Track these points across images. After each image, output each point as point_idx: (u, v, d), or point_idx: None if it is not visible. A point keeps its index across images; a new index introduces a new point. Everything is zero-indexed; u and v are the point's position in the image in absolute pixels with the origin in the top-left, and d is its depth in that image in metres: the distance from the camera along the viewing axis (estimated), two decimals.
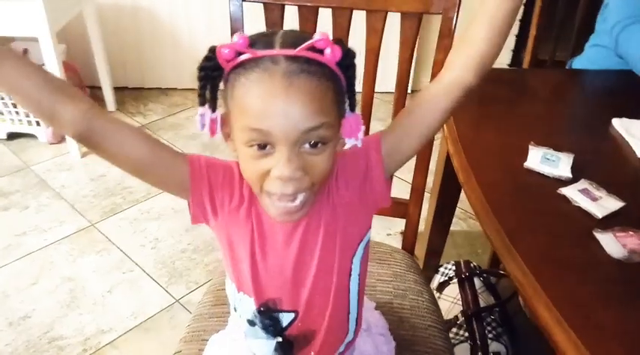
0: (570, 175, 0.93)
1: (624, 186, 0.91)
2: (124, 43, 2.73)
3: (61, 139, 2.40)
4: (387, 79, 1.79)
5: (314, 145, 0.59)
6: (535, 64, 1.73)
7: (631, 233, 0.80)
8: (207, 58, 0.62)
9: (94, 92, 2.70)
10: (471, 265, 1.55)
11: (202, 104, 0.63)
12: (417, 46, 1.10)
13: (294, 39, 0.59)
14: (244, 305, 0.75)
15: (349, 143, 0.66)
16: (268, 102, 0.57)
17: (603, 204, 0.86)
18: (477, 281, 1.50)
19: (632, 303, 0.72)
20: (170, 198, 2.12)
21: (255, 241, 0.70)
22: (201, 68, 0.62)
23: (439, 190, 1.36)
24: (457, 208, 1.53)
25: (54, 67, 2.08)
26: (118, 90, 2.75)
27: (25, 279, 1.73)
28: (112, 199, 2.09)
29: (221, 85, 0.63)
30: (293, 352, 0.77)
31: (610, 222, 0.83)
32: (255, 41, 0.60)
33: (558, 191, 0.89)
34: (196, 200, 0.70)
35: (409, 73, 1.12)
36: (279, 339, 0.75)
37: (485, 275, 1.54)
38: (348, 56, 0.61)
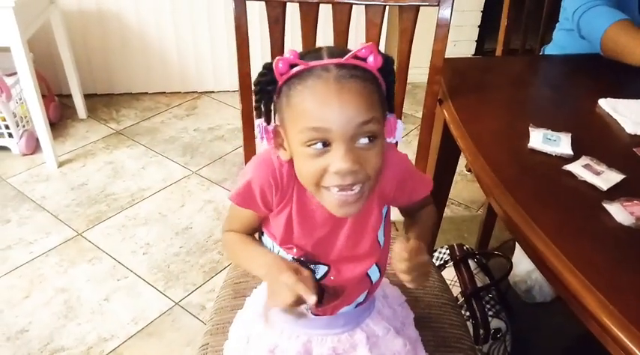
0: (572, 153, 0.99)
1: (621, 160, 0.97)
2: (91, 49, 2.68)
3: (35, 149, 2.34)
4: None
5: (366, 141, 0.65)
6: (507, 53, 1.81)
7: (636, 202, 0.87)
8: (262, 74, 0.69)
9: (64, 100, 2.65)
10: (465, 248, 1.61)
11: (259, 117, 0.71)
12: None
13: (340, 51, 0.67)
14: (281, 256, 0.80)
15: (389, 141, 0.74)
16: (324, 102, 0.63)
17: (606, 177, 0.92)
18: (471, 263, 1.56)
19: None
20: (155, 202, 2.13)
21: (293, 214, 0.76)
22: (257, 83, 0.70)
23: (433, 177, 1.41)
24: None
25: (27, 75, 2.03)
26: (88, 97, 2.71)
27: (16, 293, 1.69)
28: (96, 207, 2.06)
29: None
30: (324, 297, 0.81)
31: (615, 193, 0.89)
32: (304, 55, 0.67)
33: (563, 168, 0.95)
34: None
35: (408, 64, 1.16)
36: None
37: (478, 256, 1.60)
38: (388, 63, 0.69)
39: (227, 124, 2.60)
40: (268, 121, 0.71)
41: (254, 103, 0.71)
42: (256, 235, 0.87)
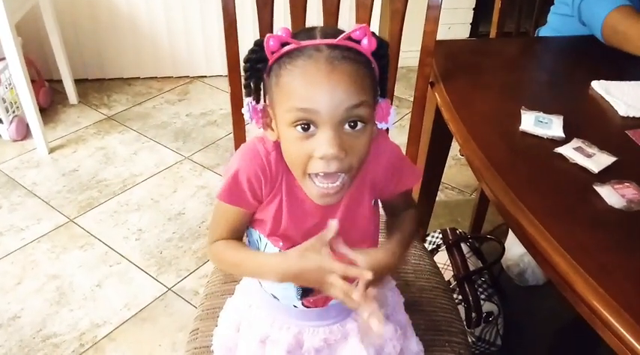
0: (563, 135, 0.98)
1: (613, 143, 0.97)
2: (81, 34, 2.65)
3: (25, 135, 2.32)
4: None
5: (354, 126, 0.64)
6: (501, 36, 1.79)
7: (627, 184, 0.86)
8: (252, 51, 0.67)
9: (54, 86, 2.62)
10: (457, 232, 1.61)
11: (249, 95, 0.70)
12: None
13: (334, 31, 0.65)
14: (269, 249, 0.79)
15: (380, 127, 0.74)
16: (314, 83, 0.62)
17: (597, 159, 0.92)
18: (463, 247, 1.56)
19: (636, 247, 0.78)
20: (147, 188, 2.12)
21: (283, 203, 0.75)
22: (247, 60, 0.68)
23: (425, 162, 1.40)
24: None
25: (15, 61, 2.01)
26: (79, 82, 2.68)
27: (8, 280, 1.69)
28: (87, 193, 2.05)
29: None
30: (314, 290, 0.80)
31: (606, 175, 0.89)
32: (296, 34, 0.66)
33: (555, 150, 0.95)
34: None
35: (399, 46, 1.15)
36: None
37: (470, 240, 1.60)
38: (382, 46, 0.67)
39: (219, 109, 2.58)
40: (257, 100, 0.70)
41: (243, 81, 0.69)
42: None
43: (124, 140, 2.37)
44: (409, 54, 1.25)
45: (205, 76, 2.85)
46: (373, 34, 0.66)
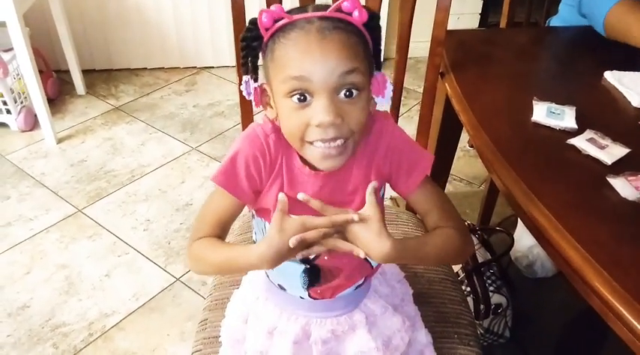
0: (576, 126, 0.97)
1: (626, 134, 0.95)
2: (89, 24, 2.64)
3: (34, 126, 2.33)
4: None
5: (349, 95, 0.65)
6: (511, 26, 1.77)
7: None
8: (247, 29, 0.68)
9: (62, 76, 2.62)
10: (466, 223, 1.60)
11: (246, 73, 0.70)
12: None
13: (326, 5, 0.67)
14: None
15: (378, 101, 0.73)
16: (306, 52, 0.63)
17: (611, 151, 0.90)
18: (472, 239, 1.56)
19: None
20: (155, 179, 2.12)
21: (284, 188, 0.74)
22: (243, 39, 0.69)
23: (435, 153, 1.39)
24: None
25: (23, 51, 2.01)
26: (86, 72, 2.68)
27: (17, 270, 1.69)
28: (95, 184, 2.05)
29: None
30: (319, 279, 0.80)
31: (619, 167, 0.88)
32: (290, 11, 0.67)
33: (567, 142, 0.93)
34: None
35: (409, 36, 1.13)
36: (307, 266, 0.79)
37: (479, 232, 1.59)
38: (374, 19, 0.68)
39: (227, 100, 2.58)
40: (255, 79, 0.71)
41: (241, 60, 0.70)
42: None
43: (131, 131, 2.37)
44: (417, 45, 1.24)
45: (213, 67, 2.85)
46: (364, 6, 0.67)
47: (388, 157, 0.77)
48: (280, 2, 1.08)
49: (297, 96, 0.64)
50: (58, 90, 2.57)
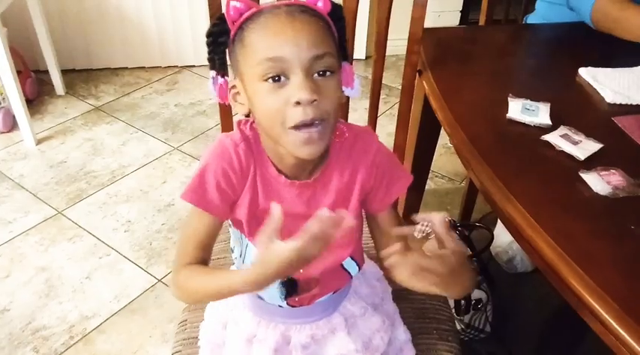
0: (550, 123, 0.98)
1: (599, 129, 0.97)
2: (68, 23, 2.61)
3: (12, 127, 2.30)
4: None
5: (322, 73, 0.65)
6: (490, 23, 1.79)
7: (613, 171, 0.86)
8: (214, 25, 0.68)
9: (41, 76, 2.59)
10: (447, 219, 1.61)
11: (213, 68, 0.71)
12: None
13: None
14: (251, 252, 0.78)
15: (348, 93, 0.74)
16: (277, 33, 0.64)
17: (584, 146, 0.91)
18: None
19: (621, 234, 0.78)
20: (136, 179, 2.10)
21: (258, 198, 0.74)
22: (209, 34, 0.69)
23: (414, 150, 1.40)
24: None
25: (0, 51, 1.98)
26: (66, 72, 2.65)
27: None
28: (76, 185, 2.03)
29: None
30: (297, 290, 0.80)
31: (592, 162, 0.89)
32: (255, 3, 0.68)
33: (541, 138, 0.94)
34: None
35: (387, 34, 1.14)
36: (284, 278, 0.78)
37: (460, 228, 1.60)
38: (337, 9, 0.70)
39: (208, 99, 2.56)
40: (223, 75, 0.71)
41: (207, 56, 0.70)
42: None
43: (112, 131, 2.34)
44: (398, 42, 1.24)
45: (194, 66, 2.83)
46: None
47: (372, 173, 0.77)
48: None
49: (272, 77, 0.63)
50: (37, 90, 2.54)
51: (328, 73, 0.65)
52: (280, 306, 0.82)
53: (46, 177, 2.06)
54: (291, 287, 0.79)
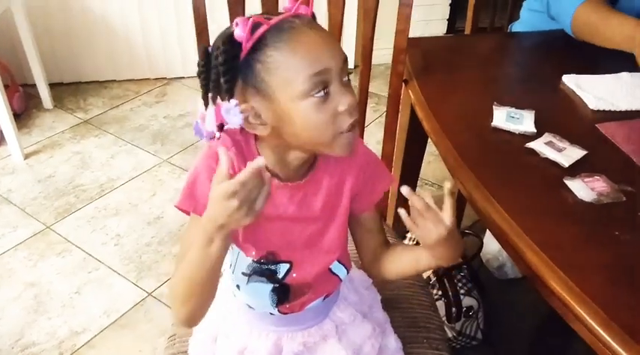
0: (535, 130, 0.99)
1: (583, 136, 0.98)
2: (55, 37, 2.60)
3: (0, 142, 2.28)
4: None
5: (347, 79, 0.67)
6: (476, 31, 1.80)
7: (597, 177, 0.87)
8: (225, 50, 0.63)
9: (28, 90, 2.58)
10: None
11: (232, 96, 0.64)
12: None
13: (279, 12, 0.67)
14: (241, 260, 0.78)
15: None
16: (315, 46, 0.63)
17: (568, 153, 0.92)
18: None
19: (606, 240, 0.79)
20: (125, 192, 2.09)
21: None
22: (224, 62, 0.63)
23: (403, 158, 1.41)
24: None
25: None
26: (54, 86, 2.63)
27: None
28: (64, 199, 2.02)
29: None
30: (289, 296, 0.80)
31: (576, 169, 0.90)
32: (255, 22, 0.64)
33: (526, 145, 0.95)
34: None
35: (372, 45, 1.15)
36: (276, 285, 0.79)
37: None
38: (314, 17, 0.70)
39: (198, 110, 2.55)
40: (230, 99, 0.64)
41: (224, 86, 0.63)
42: None
43: (100, 144, 2.34)
44: (387, 51, 1.25)
45: (183, 77, 2.83)
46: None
47: (360, 176, 0.78)
48: (244, 14, 1.09)
49: (321, 90, 0.63)
50: (25, 104, 2.53)
51: (347, 78, 0.67)
52: (272, 314, 0.82)
53: (34, 192, 2.05)
54: (283, 294, 0.79)
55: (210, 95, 0.66)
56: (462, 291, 1.44)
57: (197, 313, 0.72)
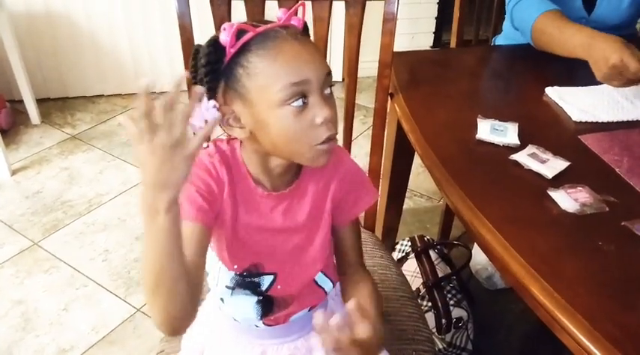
0: (518, 142, 1.00)
1: (566, 148, 0.99)
2: (41, 52, 2.60)
3: None
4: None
5: (328, 90, 0.68)
6: (461, 44, 1.83)
7: (580, 188, 0.88)
8: (209, 53, 0.65)
9: (15, 106, 2.57)
10: (425, 239, 1.62)
11: (212, 97, 0.66)
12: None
13: (266, 20, 0.68)
14: (223, 273, 0.78)
15: None
16: (297, 56, 0.64)
17: (551, 165, 0.94)
18: (432, 254, 1.58)
19: (589, 250, 0.80)
20: (114, 207, 2.08)
21: (238, 211, 0.74)
22: (206, 63, 0.65)
23: (391, 170, 1.42)
24: None
25: None
26: (41, 101, 2.62)
27: None
28: (52, 215, 2.00)
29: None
30: (273, 308, 0.80)
31: (560, 180, 0.91)
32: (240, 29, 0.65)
33: (510, 157, 0.97)
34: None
35: (357, 59, 1.16)
36: (260, 297, 0.79)
37: (439, 246, 1.62)
38: (307, 28, 0.72)
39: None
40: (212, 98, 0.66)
41: (207, 85, 0.65)
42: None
43: (88, 159, 2.33)
44: (374, 64, 1.26)
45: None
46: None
47: (343, 187, 0.79)
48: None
49: (299, 100, 0.64)
50: (12, 120, 2.52)
51: (330, 90, 0.68)
52: (257, 326, 0.82)
53: (21, 208, 2.03)
54: (267, 306, 0.80)
55: None
56: (451, 302, 1.45)
57: (171, 308, 0.62)
